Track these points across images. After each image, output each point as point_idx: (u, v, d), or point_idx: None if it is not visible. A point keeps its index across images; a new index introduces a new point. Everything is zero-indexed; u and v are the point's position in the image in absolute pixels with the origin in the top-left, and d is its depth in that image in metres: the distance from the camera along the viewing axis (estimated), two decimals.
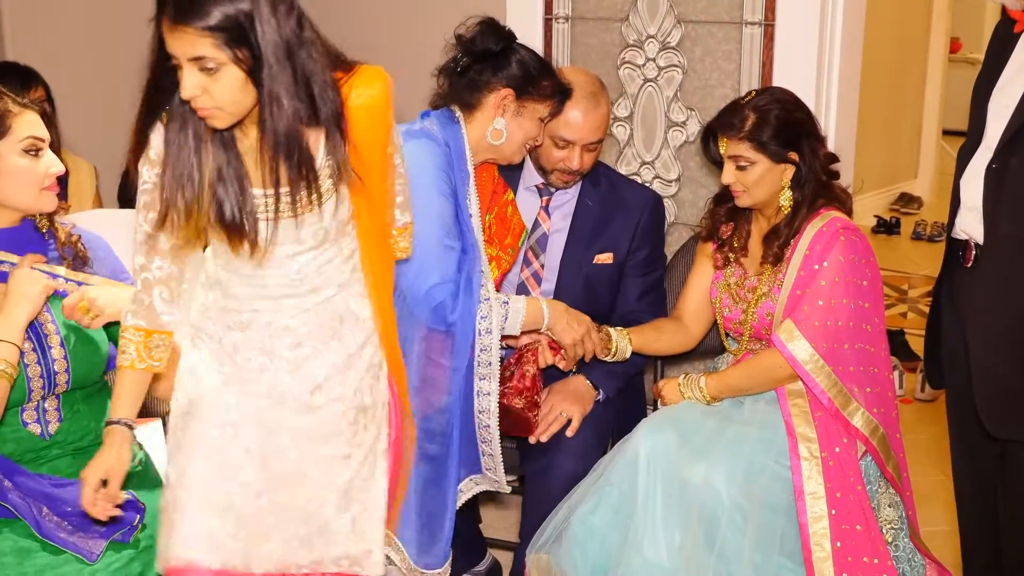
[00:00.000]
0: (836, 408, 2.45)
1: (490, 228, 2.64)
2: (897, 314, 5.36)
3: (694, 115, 3.35)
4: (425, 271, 2.30)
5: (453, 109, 2.51)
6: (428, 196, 2.34)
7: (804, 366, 2.43)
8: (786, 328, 2.46)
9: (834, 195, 2.58)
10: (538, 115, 2.52)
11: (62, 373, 2.18)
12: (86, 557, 2.02)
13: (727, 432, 2.49)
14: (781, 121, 2.51)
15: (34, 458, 2.18)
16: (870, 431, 2.47)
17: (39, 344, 2.16)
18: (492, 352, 2.37)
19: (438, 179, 2.36)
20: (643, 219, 2.85)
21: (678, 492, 2.40)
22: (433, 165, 2.37)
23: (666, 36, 3.34)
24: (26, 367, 2.14)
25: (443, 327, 2.32)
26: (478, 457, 2.49)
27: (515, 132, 2.51)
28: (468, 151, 2.47)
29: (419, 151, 2.38)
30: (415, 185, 2.29)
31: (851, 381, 2.45)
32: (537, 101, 2.50)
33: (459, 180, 2.42)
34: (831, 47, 3.17)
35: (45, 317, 2.19)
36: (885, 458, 2.50)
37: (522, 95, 2.48)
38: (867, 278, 2.49)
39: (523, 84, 2.48)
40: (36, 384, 2.15)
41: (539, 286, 2.82)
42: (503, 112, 2.49)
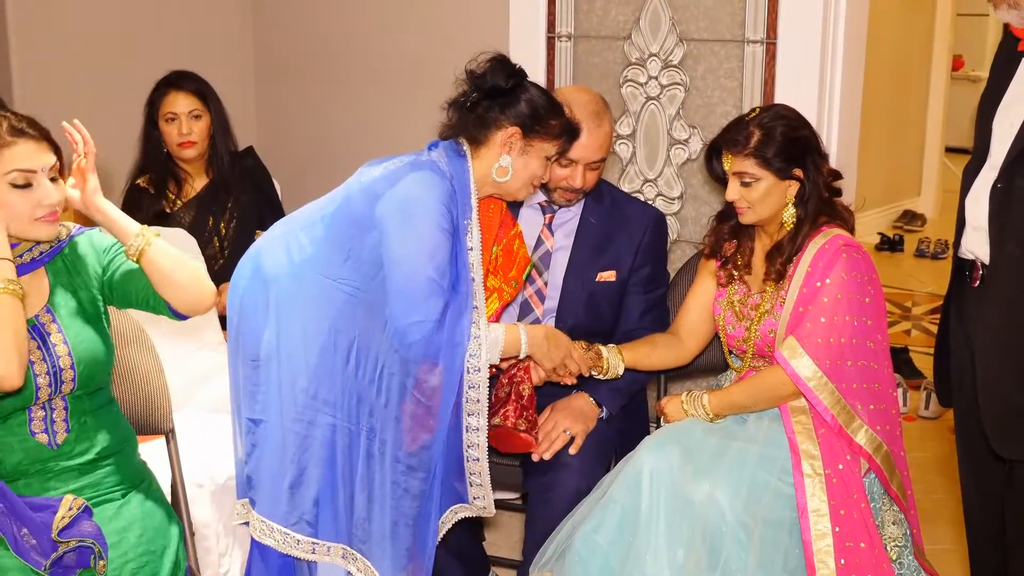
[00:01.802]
0: (840, 425, 2.44)
1: (496, 260, 2.62)
2: (901, 331, 5.36)
3: (696, 133, 3.36)
4: (409, 307, 2.28)
5: (460, 142, 2.49)
6: (426, 231, 2.32)
7: (807, 383, 2.43)
8: (789, 345, 2.46)
9: (836, 212, 2.58)
10: (544, 154, 2.50)
11: (68, 370, 2.18)
12: (37, 566, 2.04)
13: (730, 449, 2.49)
14: (786, 138, 2.51)
15: (41, 470, 2.18)
16: (873, 448, 2.46)
17: (43, 343, 2.16)
18: (480, 389, 2.34)
19: (439, 214, 2.34)
20: (646, 237, 2.85)
21: (681, 510, 2.39)
22: (435, 199, 2.36)
23: (668, 54, 3.35)
24: (32, 364, 2.14)
25: (417, 360, 2.29)
26: (464, 490, 2.43)
27: (520, 170, 2.49)
28: (473, 185, 2.45)
29: (423, 183, 2.37)
30: (414, 217, 2.30)
31: (854, 398, 2.45)
32: (544, 140, 2.48)
33: (461, 214, 2.41)
34: (833, 65, 3.18)
35: (46, 318, 2.19)
36: (889, 476, 2.49)
37: (529, 134, 2.46)
38: (869, 295, 2.49)
39: (531, 123, 2.46)
40: (43, 382, 2.15)
41: (542, 304, 2.82)
42: (510, 150, 2.46)
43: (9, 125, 2.09)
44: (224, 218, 3.32)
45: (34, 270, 2.20)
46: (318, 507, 2.34)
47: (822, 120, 3.16)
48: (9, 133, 2.08)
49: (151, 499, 2.28)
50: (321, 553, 2.35)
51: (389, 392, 2.29)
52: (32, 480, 2.18)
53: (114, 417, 2.32)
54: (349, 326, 2.30)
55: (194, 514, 2.59)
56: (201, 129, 3.29)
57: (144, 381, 2.51)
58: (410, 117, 3.71)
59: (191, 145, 3.28)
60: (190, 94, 3.29)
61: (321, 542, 2.35)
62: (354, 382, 2.30)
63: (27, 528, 2.04)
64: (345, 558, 2.35)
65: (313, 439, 2.32)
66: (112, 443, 2.27)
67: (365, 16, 4.08)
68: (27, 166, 2.09)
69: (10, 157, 2.07)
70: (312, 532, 2.34)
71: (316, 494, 2.33)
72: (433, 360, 2.28)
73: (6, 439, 2.16)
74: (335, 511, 2.34)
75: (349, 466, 2.33)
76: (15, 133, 2.08)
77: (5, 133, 2.08)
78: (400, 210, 2.33)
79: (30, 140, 2.10)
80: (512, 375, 2.56)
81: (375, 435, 2.31)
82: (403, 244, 2.30)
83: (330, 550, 2.35)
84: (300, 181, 3.96)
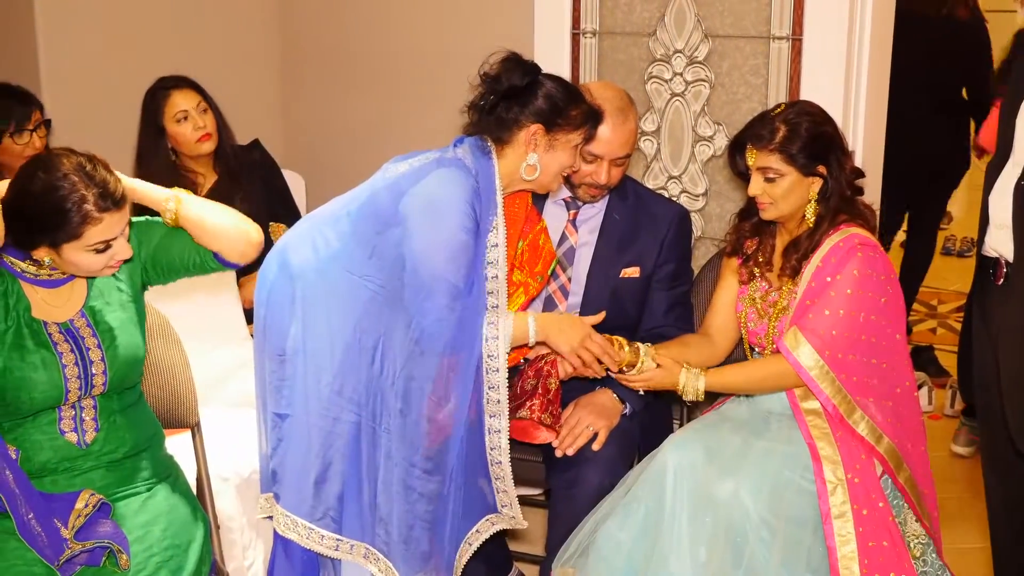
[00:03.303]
0: (840, 415, 2.44)
1: (522, 255, 2.63)
2: (927, 330, 5.33)
3: (721, 129, 3.35)
4: (427, 305, 2.29)
5: (485, 139, 2.47)
6: (449, 232, 2.32)
7: (809, 372, 2.42)
8: (791, 335, 2.46)
9: (857, 211, 2.57)
10: (571, 144, 2.49)
11: (99, 375, 2.20)
12: (49, 560, 2.05)
13: (754, 448, 2.48)
14: (811, 134, 2.50)
15: (68, 468, 2.20)
16: (875, 439, 2.45)
17: (76, 345, 2.19)
18: (500, 390, 2.34)
19: (463, 213, 2.33)
20: (670, 233, 2.85)
21: (705, 508, 2.39)
22: (461, 199, 2.35)
23: (693, 51, 3.34)
24: (64, 367, 2.16)
25: (434, 357, 2.30)
26: (492, 495, 2.43)
27: (549, 164, 2.48)
28: (498, 183, 2.44)
29: (449, 181, 2.37)
30: (438, 215, 2.30)
31: (856, 391, 2.44)
32: (568, 131, 2.47)
33: (485, 210, 2.40)
34: (859, 61, 3.16)
35: (81, 322, 2.21)
36: (896, 468, 2.48)
37: (552, 128, 2.45)
38: (885, 295, 2.47)
39: (551, 117, 2.45)
40: (73, 384, 2.17)
41: (566, 299, 2.82)
42: (535, 147, 2.45)
43: (96, 199, 2.07)
44: None
45: (70, 282, 2.24)
46: (342, 504, 2.35)
47: (848, 117, 3.15)
48: (97, 209, 2.07)
49: (177, 493, 2.30)
50: (344, 551, 2.36)
51: (407, 396, 2.30)
52: (59, 477, 2.19)
53: (143, 414, 2.34)
54: (374, 325, 2.31)
55: (219, 507, 2.61)
56: (212, 121, 3.30)
57: (170, 375, 2.53)
58: (435, 114, 3.71)
59: (209, 138, 3.28)
60: (190, 90, 3.28)
61: (345, 539, 2.36)
62: (378, 381, 2.32)
63: (34, 514, 2.06)
64: (367, 557, 2.36)
65: (338, 435, 2.33)
66: (140, 440, 2.29)
67: (390, 12, 4.09)
68: (111, 236, 2.12)
69: (96, 233, 2.09)
70: (336, 528, 2.35)
71: (340, 490, 2.35)
72: (450, 356, 2.28)
73: (35, 437, 2.18)
74: (359, 508, 2.35)
75: (372, 465, 2.34)
76: (102, 210, 2.08)
77: (93, 210, 2.07)
78: (424, 208, 2.33)
79: (115, 213, 2.10)
80: (539, 368, 2.56)
81: (392, 436, 2.32)
82: (425, 243, 2.31)
83: (353, 548, 2.36)
84: (325, 176, 3.98)
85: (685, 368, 2.55)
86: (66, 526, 2.07)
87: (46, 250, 2.12)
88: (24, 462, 2.16)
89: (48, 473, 2.19)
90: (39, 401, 2.15)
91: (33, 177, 2.08)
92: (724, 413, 2.68)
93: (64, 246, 2.10)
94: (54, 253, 2.12)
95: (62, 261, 2.14)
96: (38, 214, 2.07)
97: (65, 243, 2.09)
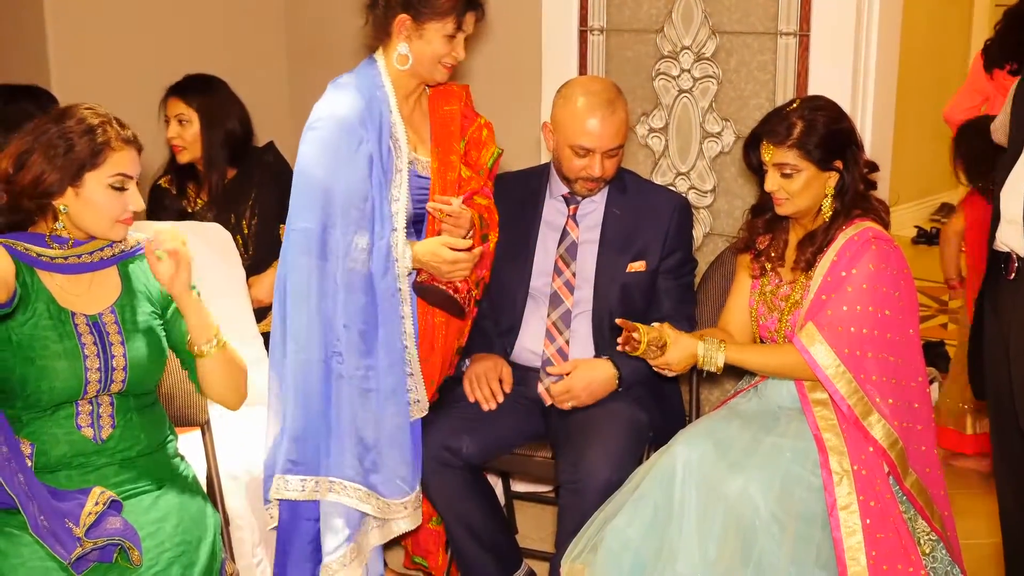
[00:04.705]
0: (856, 416, 2.43)
1: (468, 154, 2.73)
2: (937, 325, 5.32)
3: (729, 126, 3.35)
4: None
5: (375, 54, 2.60)
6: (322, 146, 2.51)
7: (825, 371, 2.42)
8: (807, 331, 2.45)
9: (871, 206, 2.56)
10: (442, 33, 2.55)
11: (119, 371, 2.22)
12: (62, 557, 2.06)
13: (763, 444, 2.48)
14: (828, 129, 2.51)
15: (83, 463, 2.21)
16: (889, 444, 2.44)
17: (101, 340, 2.21)
18: (402, 279, 2.56)
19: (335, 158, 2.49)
20: (673, 223, 2.86)
21: (714, 504, 2.39)
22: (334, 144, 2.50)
23: (701, 47, 3.34)
24: (85, 358, 2.18)
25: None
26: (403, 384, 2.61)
27: (421, 54, 2.56)
28: (389, 85, 2.57)
29: (319, 106, 2.55)
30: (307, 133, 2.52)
31: (873, 390, 2.43)
32: (436, 20, 2.53)
33: (381, 128, 2.53)
34: (867, 56, 3.15)
35: (109, 318, 2.24)
36: (902, 472, 2.47)
37: (419, 17, 2.53)
38: (899, 289, 2.47)
39: (416, 6, 2.52)
40: (93, 377, 2.19)
41: (572, 294, 2.83)
42: (406, 37, 2.54)
43: (117, 132, 2.19)
44: (246, 216, 3.33)
45: (106, 268, 2.27)
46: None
47: (856, 113, 3.14)
48: (120, 140, 2.19)
49: (188, 490, 2.31)
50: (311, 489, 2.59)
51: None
52: (73, 472, 2.20)
53: (158, 416, 2.36)
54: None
55: (229, 505, 2.62)
56: (190, 135, 3.30)
57: (181, 373, 2.54)
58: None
59: (179, 150, 3.30)
60: (178, 100, 3.30)
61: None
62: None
63: (44, 514, 2.07)
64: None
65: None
66: (154, 441, 2.31)
67: None
68: (129, 172, 2.20)
69: (118, 161, 2.18)
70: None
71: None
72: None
73: (52, 431, 2.19)
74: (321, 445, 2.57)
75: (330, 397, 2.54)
76: (125, 141, 2.20)
77: (117, 139, 2.18)
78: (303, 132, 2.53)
79: (134, 149, 2.22)
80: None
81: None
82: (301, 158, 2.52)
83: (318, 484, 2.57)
84: None
85: (704, 341, 2.56)
86: (77, 524, 2.08)
87: (64, 197, 2.16)
88: (39, 456, 2.18)
89: (62, 468, 2.20)
90: (59, 391, 2.16)
91: (56, 115, 2.19)
92: (734, 408, 2.68)
93: (87, 177, 2.15)
94: (73, 195, 2.16)
95: (80, 209, 2.17)
96: (63, 137, 2.15)
97: (89, 171, 2.15)
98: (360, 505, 2.53)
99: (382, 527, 2.63)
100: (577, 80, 2.90)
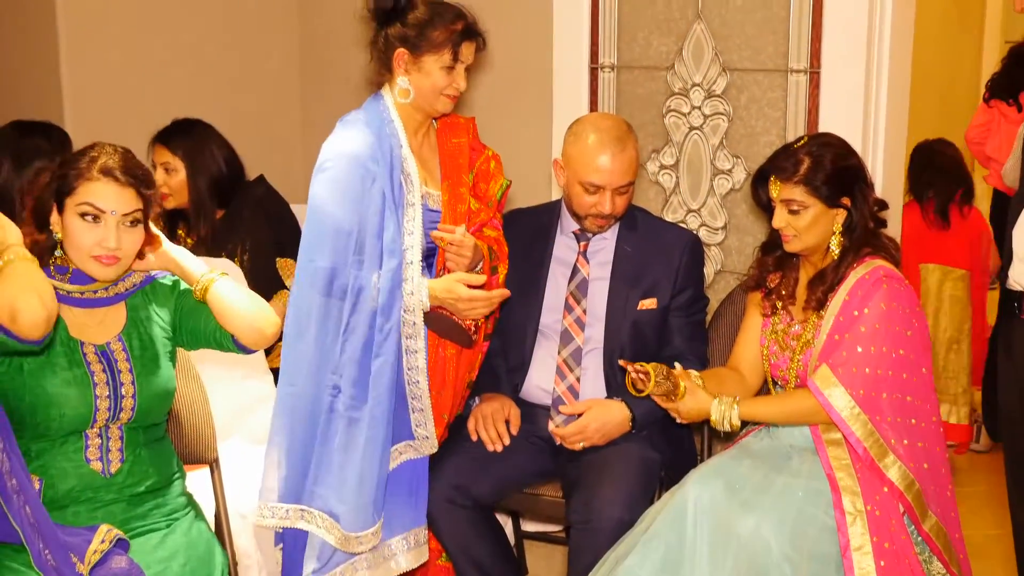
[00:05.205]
0: (871, 459, 2.41)
1: (476, 186, 2.72)
2: None
3: (740, 163, 3.35)
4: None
5: (382, 90, 2.62)
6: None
7: (840, 413, 2.40)
8: (822, 374, 2.43)
9: (881, 243, 2.56)
10: (440, 64, 2.56)
11: (128, 398, 2.21)
12: None
13: (776, 483, 2.46)
14: (836, 166, 2.50)
15: (91, 498, 2.21)
16: (905, 486, 2.42)
17: (110, 368, 2.21)
18: (416, 313, 2.54)
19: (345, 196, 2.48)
20: (683, 261, 2.85)
21: (725, 544, 2.36)
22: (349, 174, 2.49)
23: (711, 84, 3.34)
24: (95, 386, 2.18)
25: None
26: (408, 421, 2.58)
27: (421, 86, 2.57)
28: (395, 117, 2.58)
29: (331, 143, 2.54)
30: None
31: (888, 432, 2.41)
32: (432, 53, 2.54)
33: (392, 164, 2.52)
34: (878, 94, 3.15)
35: (117, 346, 2.24)
36: (921, 516, 2.44)
37: (416, 51, 2.54)
38: (912, 328, 2.45)
39: (414, 40, 2.53)
40: (102, 405, 2.19)
41: (582, 331, 2.82)
42: (405, 71, 2.56)
43: (102, 163, 2.17)
44: (237, 253, 3.30)
45: (114, 304, 2.27)
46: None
47: (867, 150, 3.13)
48: (98, 170, 2.17)
49: (195, 529, 2.30)
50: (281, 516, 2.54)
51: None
52: (81, 508, 2.20)
53: (166, 452, 2.35)
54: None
55: (236, 544, 2.60)
56: (176, 183, 3.28)
57: (189, 411, 2.53)
58: None
59: (166, 197, 3.27)
60: (163, 148, 3.27)
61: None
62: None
63: (49, 549, 2.06)
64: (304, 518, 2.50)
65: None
66: (163, 476, 2.30)
67: None
68: (99, 205, 2.16)
69: (86, 191, 2.16)
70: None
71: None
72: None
73: (61, 464, 2.19)
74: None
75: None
76: (103, 172, 2.17)
77: (94, 169, 2.17)
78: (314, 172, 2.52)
79: (113, 183, 2.17)
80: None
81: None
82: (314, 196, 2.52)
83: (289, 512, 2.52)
84: None
85: (718, 400, 2.54)
86: (82, 561, 2.06)
87: (54, 223, 2.18)
88: (48, 490, 2.17)
89: (71, 503, 2.19)
90: (69, 419, 2.16)
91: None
92: (745, 447, 2.66)
93: (66, 202, 2.17)
94: (59, 222, 2.18)
95: (64, 238, 2.18)
96: (63, 162, 2.21)
97: (67, 197, 2.16)
98: (324, 535, 2.49)
99: (374, 567, 2.59)
100: (588, 117, 2.90)
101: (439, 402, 2.68)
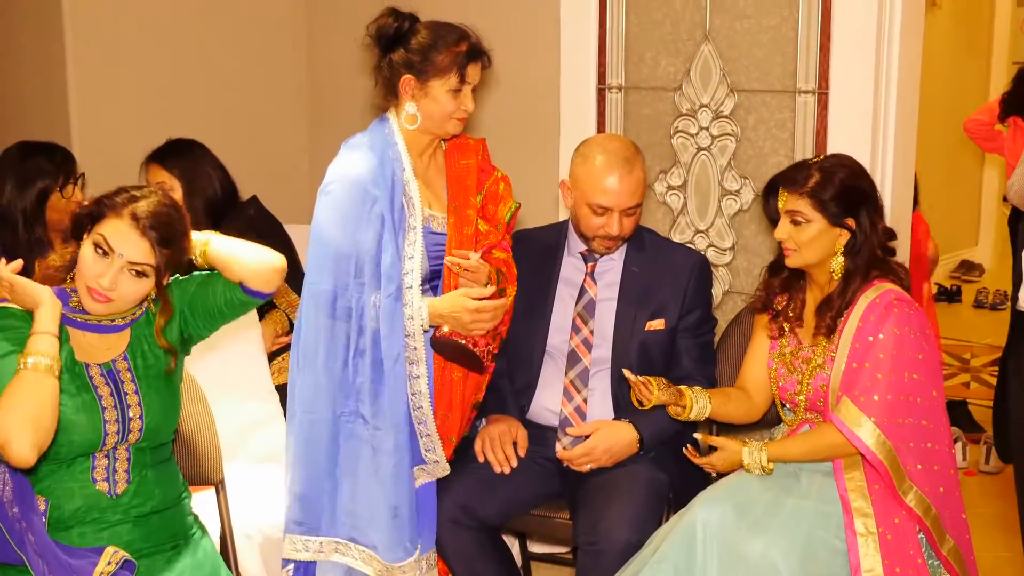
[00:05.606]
0: (893, 484, 2.39)
1: (485, 208, 2.71)
2: (959, 384, 5.25)
3: (748, 183, 3.34)
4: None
5: (387, 113, 2.61)
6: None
7: (867, 443, 2.38)
8: (847, 411, 2.41)
9: (890, 268, 2.55)
10: (447, 88, 2.54)
11: (136, 420, 2.21)
12: None
13: (785, 505, 2.44)
14: (844, 184, 2.50)
15: (97, 519, 2.20)
16: (923, 510, 2.40)
17: (116, 389, 2.21)
18: (417, 337, 2.52)
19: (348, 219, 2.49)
20: (691, 282, 2.84)
21: (734, 567, 2.35)
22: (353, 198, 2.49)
23: (719, 105, 3.34)
24: (103, 411, 2.18)
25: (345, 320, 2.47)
26: (418, 447, 2.57)
27: (429, 112, 2.55)
28: (401, 142, 2.57)
29: (335, 167, 2.54)
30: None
31: (908, 457, 2.39)
32: (438, 77, 2.53)
33: (393, 187, 2.52)
34: (886, 114, 3.15)
35: (122, 365, 2.24)
36: (939, 540, 2.42)
37: (422, 76, 2.52)
38: (923, 351, 2.44)
39: (419, 66, 2.52)
40: (111, 429, 2.19)
41: (589, 352, 2.81)
42: (412, 96, 2.54)
43: (135, 207, 2.18)
44: None
45: (119, 332, 2.27)
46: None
47: (875, 171, 3.13)
48: (128, 211, 2.18)
49: (201, 551, 2.29)
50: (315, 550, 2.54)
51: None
52: (87, 529, 2.19)
53: (172, 473, 2.35)
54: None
55: (242, 566, 2.59)
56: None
57: (194, 431, 2.53)
58: None
59: None
60: (159, 167, 3.23)
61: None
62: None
63: (53, 574, 2.05)
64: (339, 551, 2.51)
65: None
66: (168, 497, 2.29)
67: None
68: (111, 243, 2.17)
69: (108, 225, 2.18)
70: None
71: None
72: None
73: (67, 485, 2.18)
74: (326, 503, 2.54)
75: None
76: (131, 215, 2.17)
77: (126, 209, 2.18)
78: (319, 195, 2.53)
79: (134, 229, 2.17)
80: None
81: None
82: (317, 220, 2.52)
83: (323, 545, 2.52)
84: None
85: (747, 448, 2.54)
86: None
87: (86, 235, 2.21)
88: (54, 510, 2.16)
89: (76, 524, 2.19)
90: (78, 444, 2.16)
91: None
92: None
93: (92, 228, 2.19)
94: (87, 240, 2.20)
95: (79, 259, 2.20)
96: (116, 189, 2.24)
97: (94, 223, 2.19)
98: (362, 567, 2.49)
99: None
100: (595, 138, 2.90)
101: (446, 424, 2.67)
